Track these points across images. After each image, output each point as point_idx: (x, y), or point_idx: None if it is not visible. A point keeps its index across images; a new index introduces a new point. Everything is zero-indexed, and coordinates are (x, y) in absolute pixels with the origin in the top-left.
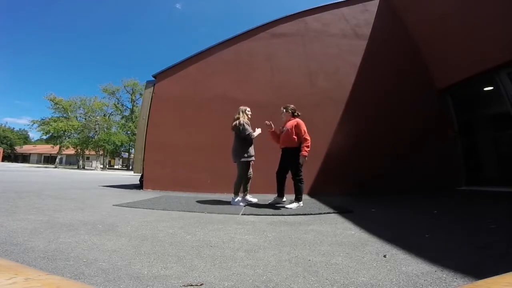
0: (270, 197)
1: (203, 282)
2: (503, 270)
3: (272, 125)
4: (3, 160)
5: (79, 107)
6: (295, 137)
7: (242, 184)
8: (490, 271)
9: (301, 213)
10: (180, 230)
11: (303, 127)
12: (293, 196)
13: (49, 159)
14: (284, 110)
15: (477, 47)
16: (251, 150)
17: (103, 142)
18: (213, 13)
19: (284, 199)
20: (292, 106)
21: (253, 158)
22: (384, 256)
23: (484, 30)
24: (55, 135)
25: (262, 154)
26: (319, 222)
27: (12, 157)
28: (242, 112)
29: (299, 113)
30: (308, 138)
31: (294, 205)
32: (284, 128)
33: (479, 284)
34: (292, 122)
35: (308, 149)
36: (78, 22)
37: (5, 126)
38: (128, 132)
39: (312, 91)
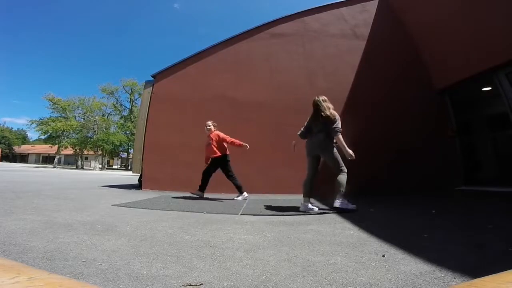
0: (270, 197)
1: (202, 282)
2: (501, 269)
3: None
4: (1, 160)
5: (78, 107)
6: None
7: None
8: (488, 270)
9: (300, 213)
10: (179, 230)
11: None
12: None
13: (47, 159)
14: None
15: (475, 48)
16: None
17: (102, 142)
18: (212, 13)
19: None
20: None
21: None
22: (383, 255)
23: (482, 31)
24: (54, 135)
25: (263, 155)
26: (318, 222)
27: (10, 157)
28: (324, 101)
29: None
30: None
31: (240, 197)
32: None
33: (476, 282)
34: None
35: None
36: (76, 22)
37: (3, 125)
38: (127, 132)
39: (312, 91)
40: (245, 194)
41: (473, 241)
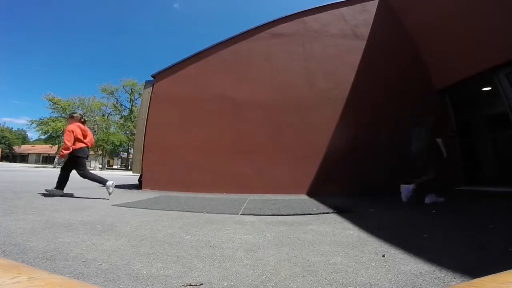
0: (270, 197)
1: (202, 282)
2: (501, 269)
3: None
4: (1, 160)
5: (78, 107)
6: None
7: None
8: (488, 270)
9: (300, 213)
10: (179, 230)
11: (68, 132)
12: (293, 197)
13: (47, 159)
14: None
15: (475, 48)
16: None
17: (102, 142)
18: (212, 13)
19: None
20: (78, 113)
21: None
22: (383, 255)
23: (482, 31)
24: (54, 135)
25: (263, 155)
26: (318, 222)
27: (10, 157)
28: None
29: (85, 119)
30: (68, 143)
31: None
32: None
33: (476, 282)
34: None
35: (64, 151)
36: (76, 22)
37: (3, 125)
38: (127, 132)
39: (312, 91)
40: (109, 183)
41: (473, 241)
